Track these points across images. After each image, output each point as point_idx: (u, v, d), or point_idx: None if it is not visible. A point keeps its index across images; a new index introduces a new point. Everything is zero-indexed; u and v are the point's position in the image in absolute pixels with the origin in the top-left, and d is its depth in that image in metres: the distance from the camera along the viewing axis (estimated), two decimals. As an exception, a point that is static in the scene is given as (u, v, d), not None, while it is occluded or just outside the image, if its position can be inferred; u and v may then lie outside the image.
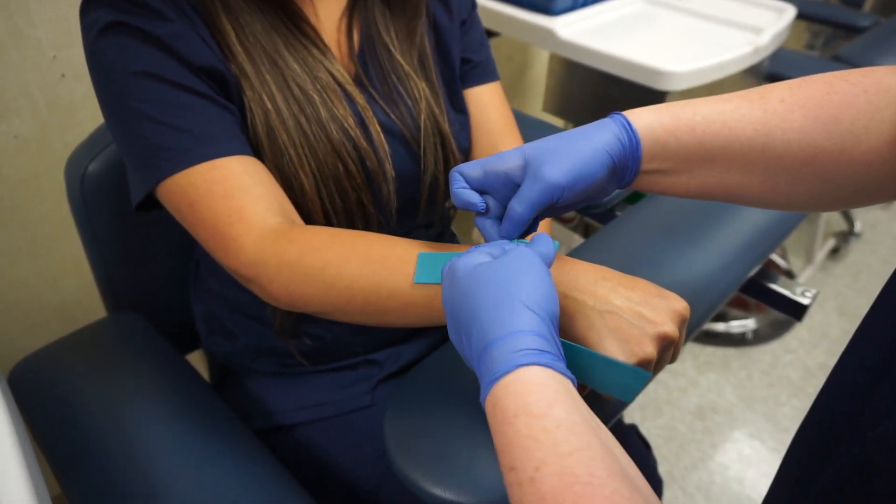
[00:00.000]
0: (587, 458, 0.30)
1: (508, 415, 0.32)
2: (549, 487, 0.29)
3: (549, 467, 0.30)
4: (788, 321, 1.72)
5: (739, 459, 1.40)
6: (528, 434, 0.31)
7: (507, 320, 0.34)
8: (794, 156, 0.41)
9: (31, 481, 0.42)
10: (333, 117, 0.56)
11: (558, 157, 0.41)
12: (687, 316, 0.42)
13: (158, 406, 0.59)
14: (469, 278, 0.37)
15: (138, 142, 0.51)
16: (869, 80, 0.41)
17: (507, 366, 0.33)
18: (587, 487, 0.28)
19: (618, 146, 0.42)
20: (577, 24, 1.10)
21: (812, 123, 0.40)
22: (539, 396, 0.32)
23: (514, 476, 0.31)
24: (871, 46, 1.53)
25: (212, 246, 0.51)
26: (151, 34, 0.50)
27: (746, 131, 0.41)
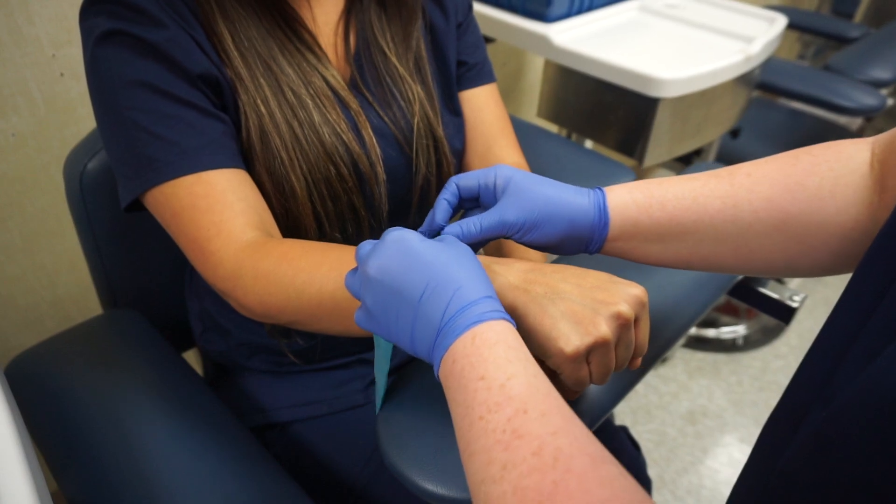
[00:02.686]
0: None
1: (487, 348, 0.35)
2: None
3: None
4: (778, 327, 1.73)
5: (730, 463, 1.41)
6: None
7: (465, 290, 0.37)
8: (763, 223, 0.43)
9: (31, 477, 0.42)
10: (326, 121, 0.57)
11: (527, 201, 0.44)
12: (644, 300, 0.42)
13: (154, 402, 0.59)
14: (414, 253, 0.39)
15: (127, 150, 0.51)
16: (830, 151, 0.44)
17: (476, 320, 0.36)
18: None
19: (584, 219, 0.45)
20: (572, 31, 1.11)
21: (779, 191, 0.43)
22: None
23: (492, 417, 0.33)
24: (860, 56, 1.55)
25: (192, 257, 0.52)
26: (148, 42, 0.51)
27: (715, 204, 0.44)
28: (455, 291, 0.36)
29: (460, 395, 0.34)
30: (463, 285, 0.37)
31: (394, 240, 0.39)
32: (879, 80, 1.47)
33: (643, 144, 1.06)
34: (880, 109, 1.35)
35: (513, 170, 0.46)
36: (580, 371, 0.40)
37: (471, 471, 0.33)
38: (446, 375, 0.36)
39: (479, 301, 0.36)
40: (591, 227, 0.45)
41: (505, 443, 0.31)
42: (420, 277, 0.37)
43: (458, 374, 0.35)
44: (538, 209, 0.44)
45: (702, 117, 1.11)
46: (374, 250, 0.39)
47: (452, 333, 0.36)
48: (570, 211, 0.44)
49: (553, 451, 0.30)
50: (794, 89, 1.38)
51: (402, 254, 0.38)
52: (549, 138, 0.97)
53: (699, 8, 1.27)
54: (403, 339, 0.39)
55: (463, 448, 0.34)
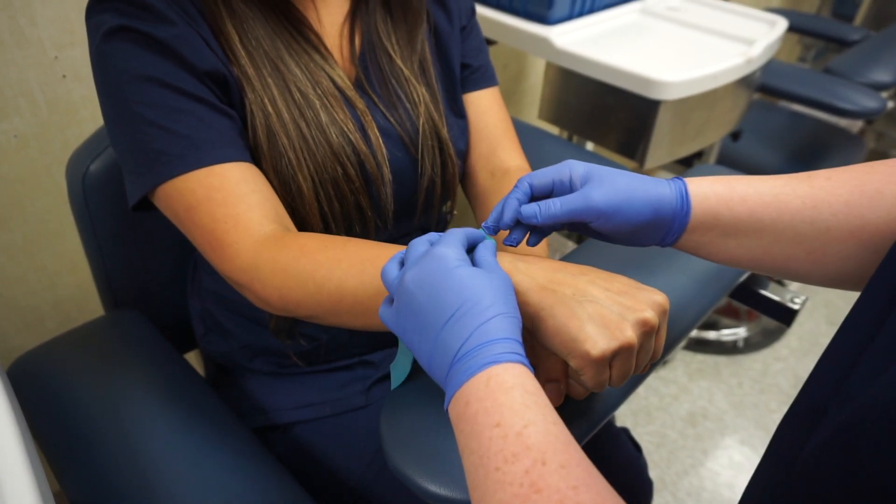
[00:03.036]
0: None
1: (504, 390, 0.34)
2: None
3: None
4: (779, 330, 1.73)
5: (730, 465, 1.41)
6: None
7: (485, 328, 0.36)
8: (840, 227, 0.43)
9: (34, 478, 0.42)
10: (333, 121, 0.57)
11: (612, 186, 0.44)
12: (667, 307, 0.43)
13: (156, 403, 0.60)
14: (438, 280, 0.38)
15: (138, 145, 0.51)
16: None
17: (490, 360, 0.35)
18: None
19: (668, 207, 0.44)
20: (573, 34, 1.11)
21: (858, 197, 0.43)
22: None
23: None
24: (861, 59, 1.55)
25: (208, 251, 0.52)
26: (156, 38, 0.51)
27: (795, 203, 0.44)
28: (479, 326, 0.35)
29: (474, 443, 0.33)
30: (489, 320, 0.36)
31: (436, 256, 0.39)
32: (880, 82, 1.47)
33: (644, 147, 1.06)
34: (881, 112, 1.35)
35: (586, 163, 0.46)
36: (602, 374, 0.40)
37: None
38: (458, 417, 0.35)
39: (500, 341, 0.35)
40: (673, 215, 0.44)
41: (523, 496, 0.30)
42: (450, 302, 0.36)
43: (472, 418, 0.34)
44: (623, 193, 0.43)
45: (703, 120, 1.11)
46: (418, 261, 0.39)
47: (466, 371, 0.35)
48: (653, 197, 0.44)
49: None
50: (794, 92, 1.39)
51: (440, 272, 0.38)
52: (550, 140, 0.98)
53: (700, 10, 1.27)
54: (422, 357, 0.38)
55: (477, 499, 0.33)
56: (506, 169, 0.69)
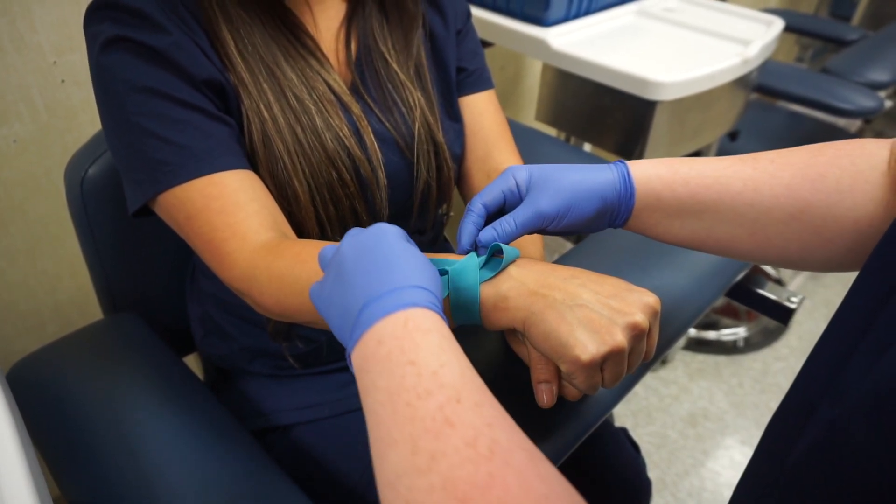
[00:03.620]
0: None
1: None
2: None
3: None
4: (779, 329, 1.73)
5: (731, 465, 1.41)
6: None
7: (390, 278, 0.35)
8: (781, 209, 0.44)
9: (33, 482, 0.42)
10: (328, 126, 0.57)
11: (556, 189, 0.45)
12: (658, 309, 0.43)
13: (155, 406, 0.60)
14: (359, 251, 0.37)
15: (137, 155, 0.52)
16: (853, 146, 0.44)
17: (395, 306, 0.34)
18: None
19: (612, 193, 0.46)
20: (570, 35, 1.12)
21: (799, 180, 0.44)
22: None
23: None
24: (858, 58, 1.55)
25: (208, 258, 0.53)
26: (153, 48, 0.51)
27: (736, 185, 0.45)
28: (399, 274, 0.35)
29: (383, 380, 0.32)
30: (410, 273, 0.35)
31: (377, 228, 0.39)
32: (877, 82, 1.48)
33: (641, 147, 1.06)
34: (878, 111, 1.35)
35: (526, 166, 0.47)
36: (594, 378, 0.41)
37: (388, 462, 0.30)
38: (366, 357, 0.33)
39: (419, 288, 0.34)
40: (619, 199, 0.46)
41: (435, 431, 0.29)
42: (376, 259, 0.36)
43: (384, 356, 0.32)
44: (569, 194, 0.45)
45: (700, 120, 1.11)
46: (354, 233, 0.39)
47: (382, 310, 0.33)
48: (598, 188, 0.45)
49: (489, 442, 0.28)
50: (792, 92, 1.39)
51: (377, 241, 0.37)
52: (547, 142, 0.98)
53: (696, 11, 1.28)
54: (334, 314, 0.37)
55: (379, 437, 0.31)
56: (502, 171, 0.69)
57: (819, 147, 0.45)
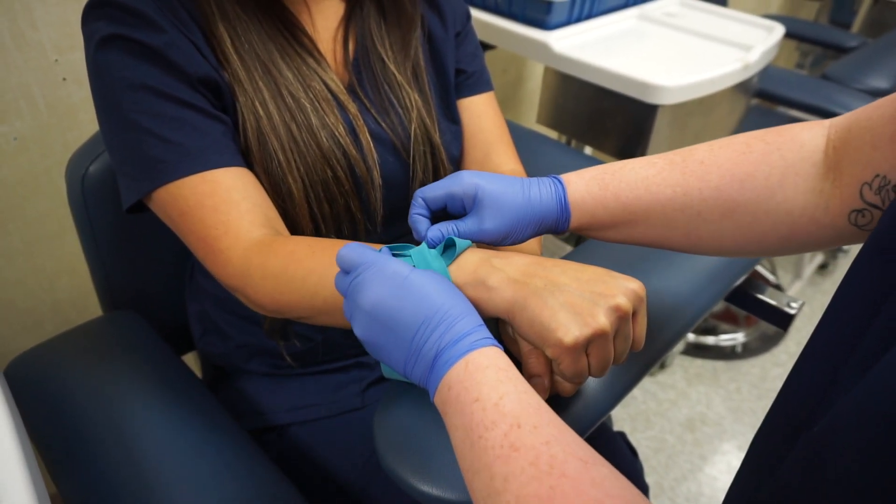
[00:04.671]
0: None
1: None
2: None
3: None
4: (777, 335, 1.73)
5: (728, 471, 1.41)
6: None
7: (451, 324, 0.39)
8: (711, 210, 0.45)
9: (31, 479, 0.42)
10: (324, 125, 0.57)
11: (500, 216, 0.47)
12: (642, 294, 0.43)
13: (153, 404, 0.60)
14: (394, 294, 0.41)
15: (132, 152, 0.52)
16: (783, 138, 0.45)
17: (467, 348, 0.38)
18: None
19: (551, 217, 0.48)
20: (572, 39, 1.12)
21: (728, 181, 0.45)
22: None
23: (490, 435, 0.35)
24: (857, 65, 1.56)
25: (201, 255, 0.53)
26: (149, 46, 0.51)
27: (666, 192, 0.46)
28: (449, 327, 0.39)
29: (458, 419, 0.36)
30: (456, 320, 0.39)
31: (389, 275, 0.41)
32: (877, 89, 1.48)
33: (642, 151, 1.07)
34: (878, 118, 1.35)
35: (475, 179, 0.47)
36: (579, 362, 0.41)
37: (476, 489, 0.35)
38: (443, 402, 0.38)
39: (471, 332, 0.39)
40: (556, 222, 0.48)
41: (504, 457, 0.33)
42: (414, 314, 0.39)
43: (455, 399, 0.37)
44: (512, 219, 0.47)
45: (700, 125, 1.11)
46: (366, 281, 0.41)
47: (447, 363, 0.38)
48: (538, 213, 0.47)
49: (548, 459, 0.32)
50: (792, 98, 1.39)
51: (396, 287, 0.40)
52: (548, 145, 0.98)
53: (697, 16, 1.28)
54: (397, 364, 0.41)
55: (466, 468, 0.36)
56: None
57: (747, 142, 0.46)
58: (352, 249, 0.43)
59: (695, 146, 0.48)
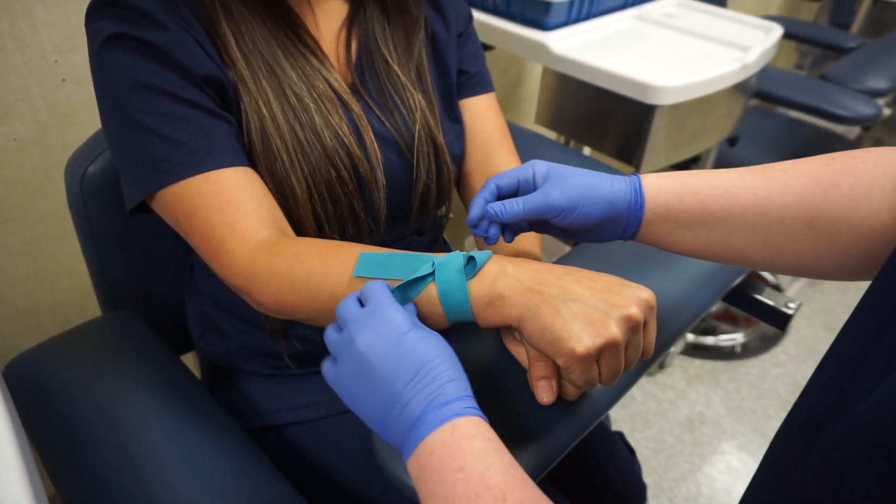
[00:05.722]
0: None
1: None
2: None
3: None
4: (777, 335, 1.73)
5: (728, 471, 1.41)
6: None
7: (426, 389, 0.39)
8: (794, 217, 0.44)
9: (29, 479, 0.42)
10: (328, 124, 0.57)
11: (569, 185, 0.46)
12: (653, 304, 0.43)
13: (152, 405, 0.60)
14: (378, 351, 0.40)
15: (136, 152, 0.52)
16: (869, 154, 0.44)
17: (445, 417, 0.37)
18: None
19: (622, 201, 0.47)
20: (570, 39, 1.12)
21: (811, 189, 0.43)
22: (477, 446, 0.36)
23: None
24: (857, 66, 1.56)
25: (206, 256, 0.53)
26: (154, 45, 0.51)
27: (747, 196, 0.45)
28: (439, 387, 0.38)
29: (439, 488, 0.36)
30: (448, 382, 0.39)
31: (386, 320, 0.41)
32: (876, 89, 1.48)
33: (640, 151, 1.07)
34: (877, 119, 1.36)
35: (548, 163, 0.48)
36: (590, 371, 0.41)
37: None
38: (422, 467, 0.37)
39: (460, 398, 0.38)
40: (629, 209, 0.47)
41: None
42: (407, 366, 0.39)
43: (437, 466, 0.36)
44: (580, 190, 0.46)
45: (699, 125, 1.11)
46: (365, 324, 0.41)
47: (431, 424, 0.37)
48: (609, 192, 0.46)
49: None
50: (791, 98, 1.39)
51: (392, 336, 0.40)
52: (547, 145, 0.98)
53: (696, 17, 1.28)
54: (371, 417, 0.40)
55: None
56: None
57: (832, 156, 0.45)
58: (349, 304, 0.43)
59: (774, 163, 0.47)
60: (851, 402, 0.30)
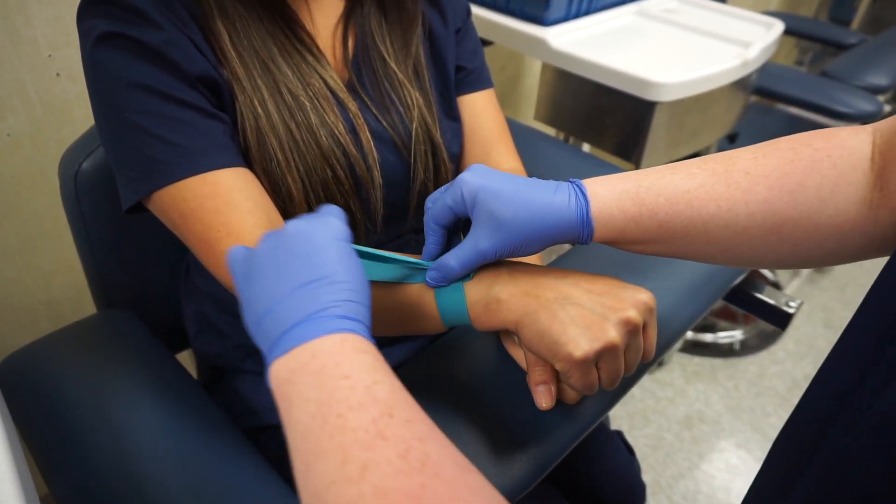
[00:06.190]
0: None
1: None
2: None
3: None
4: (775, 333, 1.73)
5: (726, 469, 1.41)
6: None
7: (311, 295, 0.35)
8: (758, 226, 0.41)
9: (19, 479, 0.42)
10: (324, 123, 0.57)
11: (499, 227, 0.42)
12: (652, 306, 0.42)
13: (146, 403, 0.59)
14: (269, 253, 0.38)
15: (131, 152, 0.51)
16: (831, 143, 0.41)
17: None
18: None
19: (569, 229, 0.43)
20: (569, 35, 1.11)
21: (777, 193, 0.41)
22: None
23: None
24: (857, 63, 1.55)
25: (203, 257, 0.52)
26: (147, 44, 0.50)
27: (709, 208, 0.42)
28: (342, 302, 0.35)
29: (314, 392, 0.32)
30: (351, 301, 0.35)
31: (326, 223, 0.38)
32: (877, 86, 1.48)
33: (640, 148, 1.06)
34: (877, 115, 1.35)
35: (477, 180, 0.43)
36: (589, 376, 0.40)
37: (316, 472, 0.30)
38: (294, 370, 0.33)
39: (360, 321, 0.35)
40: (575, 237, 0.43)
41: (367, 442, 0.29)
42: (317, 265, 0.36)
43: (318, 370, 0.32)
44: (512, 234, 0.42)
45: (699, 122, 1.11)
46: (305, 217, 0.39)
47: (321, 328, 0.34)
48: (551, 226, 0.42)
49: (421, 455, 0.29)
50: (791, 95, 1.39)
51: (322, 238, 0.37)
52: (546, 142, 0.97)
53: (696, 13, 1.27)
54: (255, 304, 0.37)
55: (306, 448, 0.31)
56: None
57: (796, 147, 0.42)
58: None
59: (735, 152, 0.44)
60: (860, 407, 0.29)
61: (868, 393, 0.29)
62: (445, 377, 0.52)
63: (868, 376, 0.30)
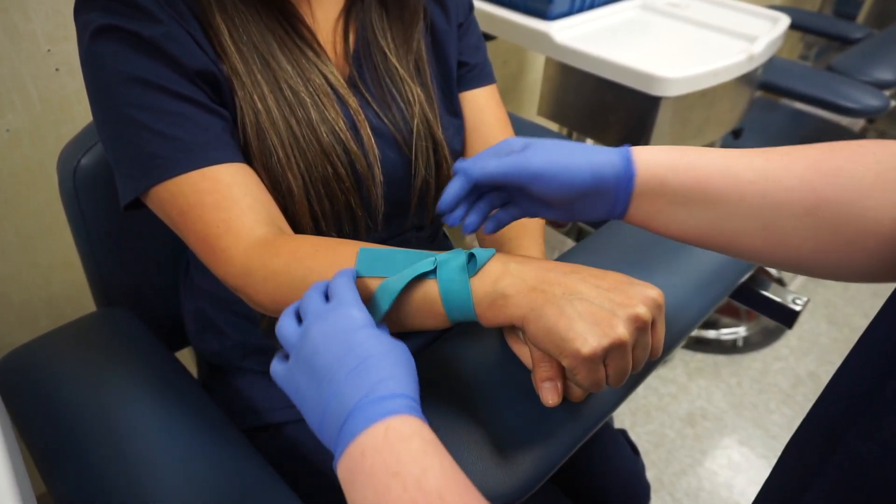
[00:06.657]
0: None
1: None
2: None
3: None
4: (779, 329, 1.73)
5: (729, 466, 1.40)
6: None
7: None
8: (795, 202, 0.40)
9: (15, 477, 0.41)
10: (324, 119, 0.56)
11: (550, 152, 0.44)
12: (661, 302, 0.41)
13: (146, 402, 0.59)
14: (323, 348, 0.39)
15: (129, 147, 0.51)
16: (876, 145, 0.41)
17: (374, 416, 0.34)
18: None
19: (609, 171, 0.43)
20: (573, 29, 1.10)
21: (813, 174, 0.40)
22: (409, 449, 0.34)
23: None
24: (863, 57, 1.54)
25: (201, 254, 0.52)
26: (145, 38, 0.50)
27: (747, 175, 0.41)
28: (378, 382, 0.36)
29: (370, 494, 0.32)
30: (387, 378, 0.36)
31: (344, 315, 0.39)
32: (883, 81, 1.46)
33: (644, 144, 1.05)
34: (884, 111, 1.34)
35: (528, 138, 0.45)
36: (597, 372, 0.40)
37: None
38: (352, 469, 0.34)
39: (399, 396, 0.36)
40: (616, 180, 0.43)
41: None
42: (352, 357, 0.37)
43: (368, 469, 0.33)
44: (562, 156, 0.43)
45: (703, 117, 1.10)
46: (324, 315, 0.40)
47: (363, 422, 0.34)
48: (594, 160, 0.43)
49: None
50: (797, 90, 1.38)
51: (345, 330, 0.38)
52: (549, 137, 0.97)
53: (701, 7, 1.26)
54: (311, 414, 0.38)
55: None
56: None
57: (838, 143, 0.42)
58: (315, 296, 0.42)
59: (771, 147, 0.44)
60: (878, 414, 0.29)
61: (889, 400, 0.28)
62: (450, 376, 0.51)
63: (889, 384, 0.29)
